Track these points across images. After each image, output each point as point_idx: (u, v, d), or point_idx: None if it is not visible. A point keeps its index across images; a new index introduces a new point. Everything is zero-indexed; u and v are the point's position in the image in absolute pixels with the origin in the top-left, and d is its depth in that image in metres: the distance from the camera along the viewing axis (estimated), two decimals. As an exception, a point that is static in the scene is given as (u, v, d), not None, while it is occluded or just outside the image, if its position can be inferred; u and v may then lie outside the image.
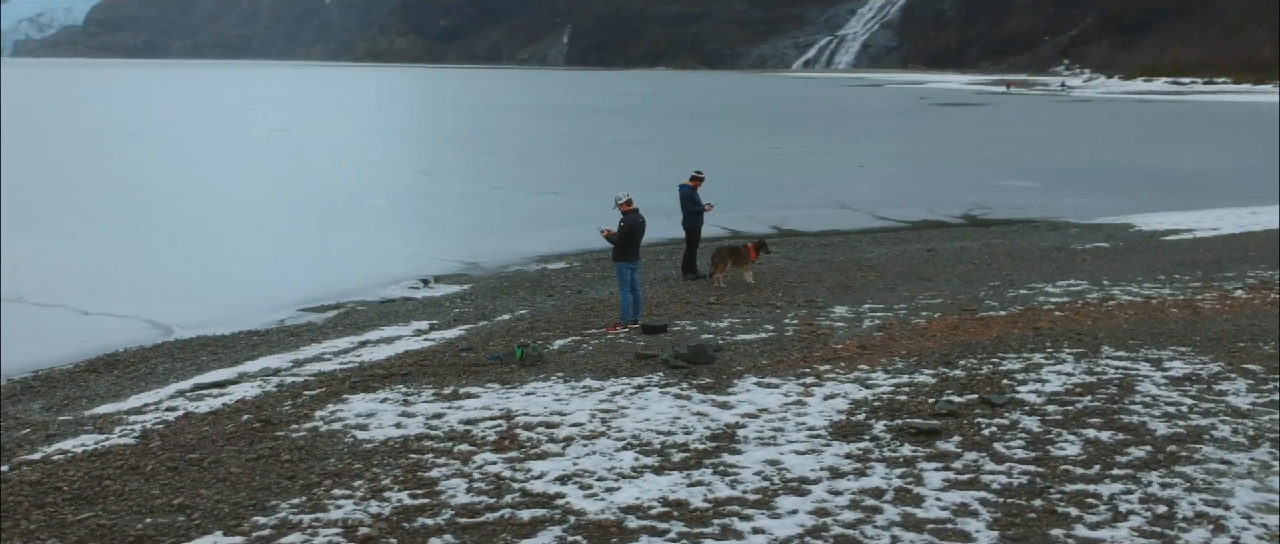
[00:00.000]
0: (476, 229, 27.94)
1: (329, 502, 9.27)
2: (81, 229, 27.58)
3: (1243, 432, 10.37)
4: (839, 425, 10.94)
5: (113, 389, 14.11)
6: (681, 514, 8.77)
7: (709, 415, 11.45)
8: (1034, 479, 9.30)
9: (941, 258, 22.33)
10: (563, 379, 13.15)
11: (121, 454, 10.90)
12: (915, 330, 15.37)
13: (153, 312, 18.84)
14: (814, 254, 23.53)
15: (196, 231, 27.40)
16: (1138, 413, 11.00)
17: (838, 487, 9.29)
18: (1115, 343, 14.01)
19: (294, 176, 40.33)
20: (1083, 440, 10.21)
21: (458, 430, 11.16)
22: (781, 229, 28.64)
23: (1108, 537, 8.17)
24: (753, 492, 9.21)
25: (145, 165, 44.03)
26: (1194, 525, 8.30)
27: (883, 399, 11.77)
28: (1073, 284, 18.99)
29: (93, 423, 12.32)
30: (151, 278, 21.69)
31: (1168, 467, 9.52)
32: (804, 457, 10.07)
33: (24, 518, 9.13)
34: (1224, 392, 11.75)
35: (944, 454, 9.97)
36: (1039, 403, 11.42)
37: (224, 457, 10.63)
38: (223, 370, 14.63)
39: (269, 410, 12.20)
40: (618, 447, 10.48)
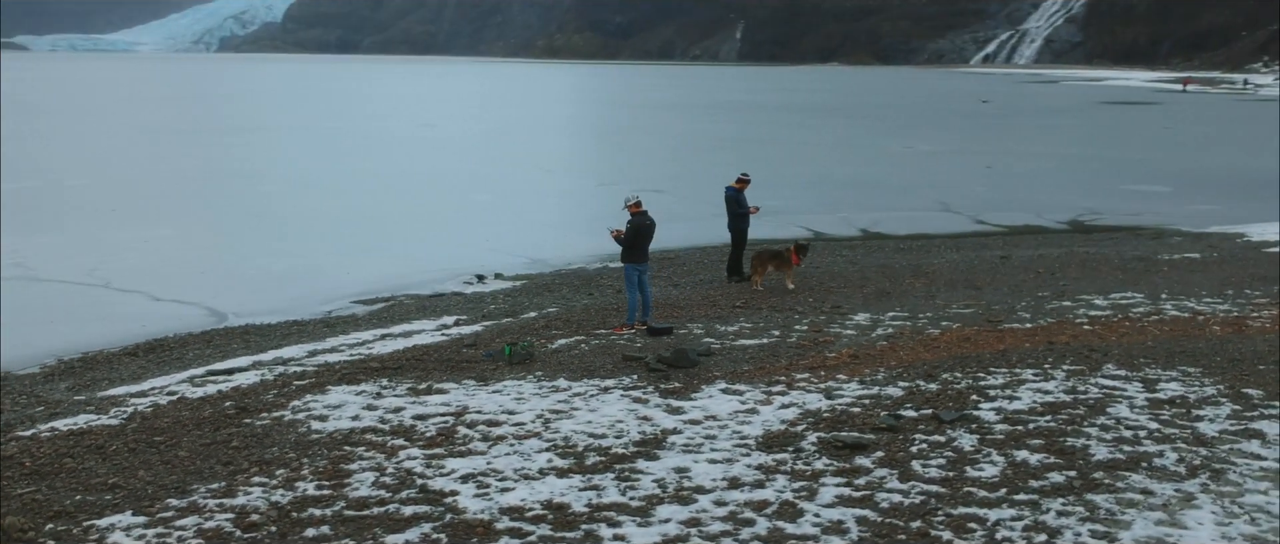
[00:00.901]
0: (560, 226, 28.41)
1: (242, 488, 9.75)
2: (195, 218, 29.24)
3: (1189, 460, 9.85)
4: (772, 436, 10.85)
5: (137, 372, 15.05)
6: (555, 518, 8.90)
7: (652, 420, 11.51)
8: (929, 500, 9.07)
9: (1008, 266, 21.63)
10: (539, 378, 13.39)
11: (98, 434, 11.67)
12: (923, 341, 15.00)
13: (218, 299, 19.90)
14: (879, 258, 23.09)
15: (296, 223, 28.74)
16: (1088, 436, 10.55)
17: (727, 497, 9.26)
18: (1122, 361, 13.39)
19: (416, 171, 41.69)
20: (1008, 462, 9.87)
21: (405, 425, 11.53)
22: (869, 231, 28.16)
23: (962, 564, 7.94)
24: (640, 499, 9.26)
25: (283, 158, 46.27)
26: (1060, 557, 7.99)
27: (836, 411, 11.61)
28: (1126, 297, 18.15)
29: (96, 404, 13.20)
30: (232, 267, 22.89)
31: (1080, 494, 9.13)
32: (716, 466, 10.05)
33: (-29, 489, 9.91)
34: (1201, 417, 11.15)
35: (855, 470, 9.80)
36: (992, 421, 11.07)
37: (183, 440, 11.27)
38: (241, 358, 15.41)
39: (252, 399, 12.83)
40: (542, 448, 10.66)
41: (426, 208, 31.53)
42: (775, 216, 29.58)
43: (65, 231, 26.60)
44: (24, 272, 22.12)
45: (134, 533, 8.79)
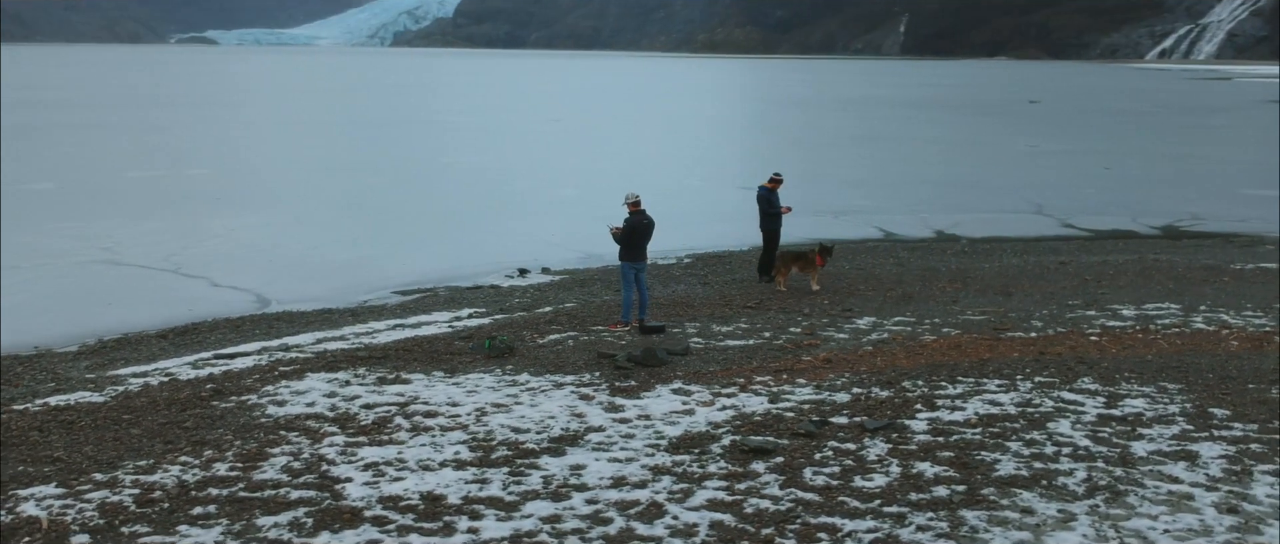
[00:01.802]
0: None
1: (165, 466, 10.34)
2: (288, 208, 30.54)
3: (1096, 480, 9.52)
4: (689, 438, 10.91)
5: (155, 354, 15.97)
6: (425, 508, 9.18)
7: (584, 417, 11.69)
8: (796, 507, 9.03)
9: (1057, 272, 20.91)
10: (504, 371, 13.70)
11: (77, 411, 12.48)
12: (910, 347, 14.73)
13: (271, 286, 20.86)
14: (930, 261, 22.60)
15: (380, 213, 29.76)
16: (1007, 451, 10.29)
17: (601, 497, 9.39)
18: (1102, 375, 12.93)
19: (517, 164, 42.50)
20: (903, 474, 9.72)
21: (350, 413, 11.98)
22: (943, 233, 27.54)
23: (783, 572, 7.91)
24: (516, 494, 9.47)
25: (399, 150, 47.78)
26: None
27: (770, 415, 11.57)
28: (1161, 307, 17.38)
29: (98, 382, 14.09)
30: (299, 255, 23.90)
31: (954, 510, 8.96)
32: (613, 465, 10.18)
33: (-68, 457, 10.79)
34: (1143, 435, 10.75)
35: (745, 475, 9.80)
36: (918, 432, 10.89)
37: (145, 420, 11.97)
38: (252, 344, 16.17)
39: (231, 383, 13.50)
40: (460, 439, 10.97)
41: (507, 201, 32.18)
42: (852, 217, 29.30)
43: (165, 218, 28.16)
44: (109, 255, 23.58)
45: (45, 503, 9.43)
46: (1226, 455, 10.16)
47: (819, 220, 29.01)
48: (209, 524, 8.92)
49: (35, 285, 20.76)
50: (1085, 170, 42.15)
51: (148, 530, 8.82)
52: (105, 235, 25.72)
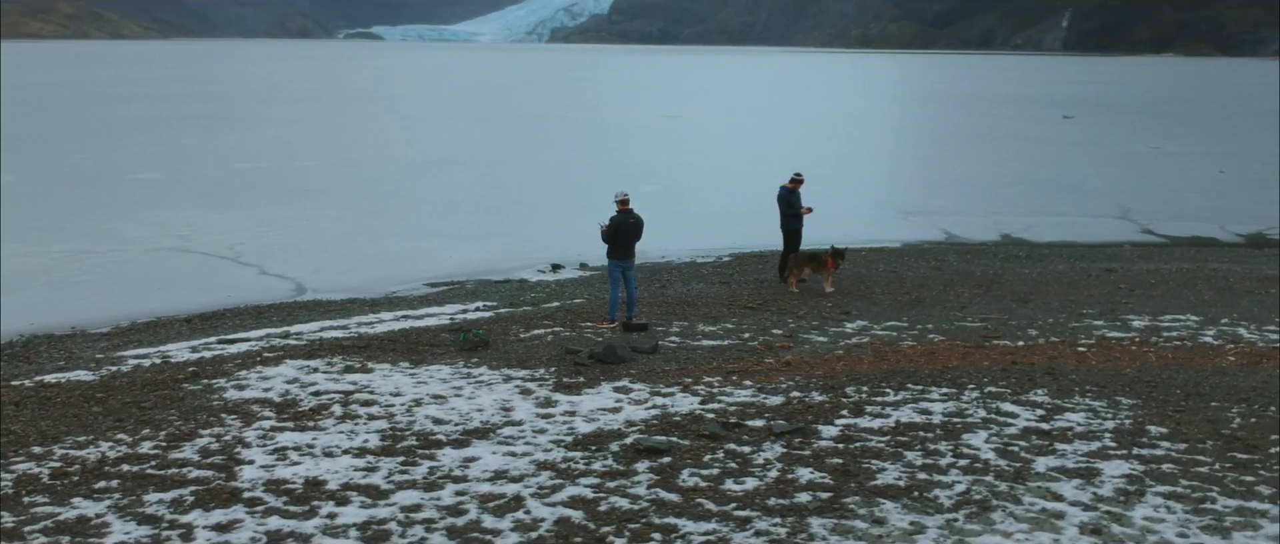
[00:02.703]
0: (703, 219, 28.68)
1: (98, 442, 11.02)
2: (367, 200, 31.63)
3: (973, 495, 9.34)
4: (598, 435, 11.06)
5: (168, 337, 16.87)
6: (303, 492, 9.59)
7: (512, 411, 11.95)
8: (649, 507, 9.12)
9: (1094, 280, 20.21)
10: (467, 364, 14.06)
11: (61, 388, 13.34)
12: (883, 353, 14.53)
13: (313, 276, 21.75)
14: (967, 265, 22.10)
15: (453, 206, 30.56)
16: (900, 460, 10.16)
17: (472, 489, 9.63)
18: (1060, 387, 12.57)
19: (612, 159, 42.93)
20: (779, 479, 9.71)
21: (295, 399, 12.51)
22: (1010, 237, 26.86)
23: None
24: (395, 482, 9.78)
25: (502, 144, 48.76)
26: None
27: (693, 415, 11.63)
28: (1176, 319, 16.67)
29: (99, 362, 15.00)
30: (353, 246, 24.81)
31: (803, 517, 8.92)
32: (507, 459, 10.41)
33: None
34: (1055, 450, 10.45)
35: (623, 474, 9.93)
36: (826, 437, 10.82)
37: (112, 399, 12.73)
38: (257, 331, 16.93)
39: (211, 367, 14.21)
40: (379, 428, 11.36)
41: (581, 195, 32.58)
42: (922, 218, 28.81)
43: (248, 209, 29.53)
44: (181, 243, 24.91)
45: (-27, 472, 10.20)
46: (1130, 475, 9.81)
47: (883, 220, 28.68)
48: (101, 498, 9.49)
49: (99, 269, 22.09)
50: (1197, 173, 40.34)
51: (46, 501, 9.45)
52: (185, 224, 27.13)
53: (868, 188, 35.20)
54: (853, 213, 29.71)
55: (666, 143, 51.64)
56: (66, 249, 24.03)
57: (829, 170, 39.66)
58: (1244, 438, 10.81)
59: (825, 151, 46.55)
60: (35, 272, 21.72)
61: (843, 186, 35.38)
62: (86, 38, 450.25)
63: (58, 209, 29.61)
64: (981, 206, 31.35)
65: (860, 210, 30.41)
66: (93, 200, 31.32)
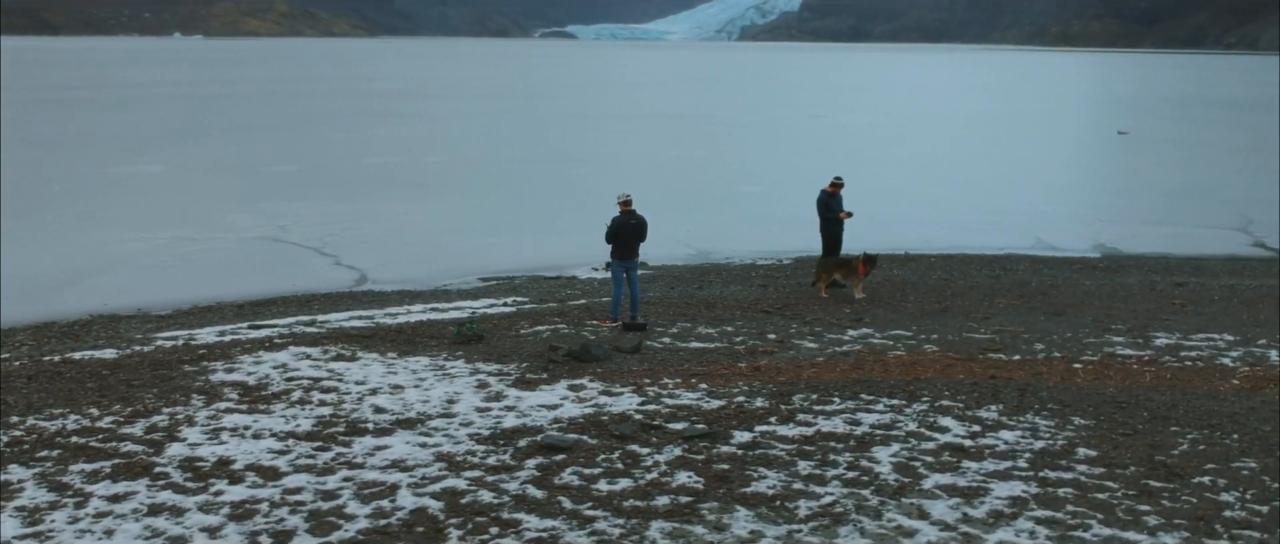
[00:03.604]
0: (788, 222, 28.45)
1: (68, 415, 11.95)
2: (473, 196, 32.66)
3: (835, 508, 9.25)
4: (514, 431, 11.34)
5: (213, 320, 17.99)
6: (209, 470, 10.18)
7: (455, 403, 12.34)
8: (508, 503, 9.37)
9: (1145, 295, 19.25)
10: (449, 357, 14.55)
11: (79, 364, 14.46)
12: (862, 362, 14.32)
13: (380, 267, 22.72)
14: (1022, 275, 21.39)
15: (551, 202, 31.24)
16: (788, 468, 10.11)
17: (359, 476, 10.04)
18: (1019, 405, 12.18)
19: (730, 160, 42.93)
20: (653, 481, 9.81)
21: (267, 382, 13.24)
22: (1106, 246, 25.76)
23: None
24: (293, 466, 10.32)
25: (637, 142, 49.34)
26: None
27: (620, 415, 11.79)
28: (1208, 339, 15.78)
29: (132, 342, 16.17)
30: (433, 239, 25.77)
31: (645, 519, 9.03)
32: (417, 450, 10.79)
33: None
34: (958, 468, 10.20)
35: (508, 469, 10.20)
36: (735, 442, 10.84)
37: (114, 376, 13.74)
38: (287, 319, 17.86)
39: (218, 350, 15.13)
40: (321, 414, 11.93)
41: (681, 195, 32.81)
42: (1018, 224, 27.90)
43: (353, 202, 30.93)
44: (277, 232, 26.36)
45: (-53, 437, 11.26)
46: (1017, 497, 9.50)
47: (977, 225, 27.95)
48: (34, 465, 10.34)
49: (192, 255, 23.65)
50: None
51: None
52: (291, 214, 28.66)
53: (978, 192, 34.21)
54: (947, 218, 29.04)
55: (793, 143, 51.24)
56: (173, 236, 25.75)
57: (945, 173, 38.73)
58: (1174, 466, 10.29)
59: (954, 154, 45.37)
60: (132, 256, 23.40)
61: (950, 190, 34.56)
62: (299, 35, 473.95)
63: (186, 198, 31.70)
64: (1094, 213, 30.16)
65: (956, 215, 29.67)
66: (223, 190, 33.37)
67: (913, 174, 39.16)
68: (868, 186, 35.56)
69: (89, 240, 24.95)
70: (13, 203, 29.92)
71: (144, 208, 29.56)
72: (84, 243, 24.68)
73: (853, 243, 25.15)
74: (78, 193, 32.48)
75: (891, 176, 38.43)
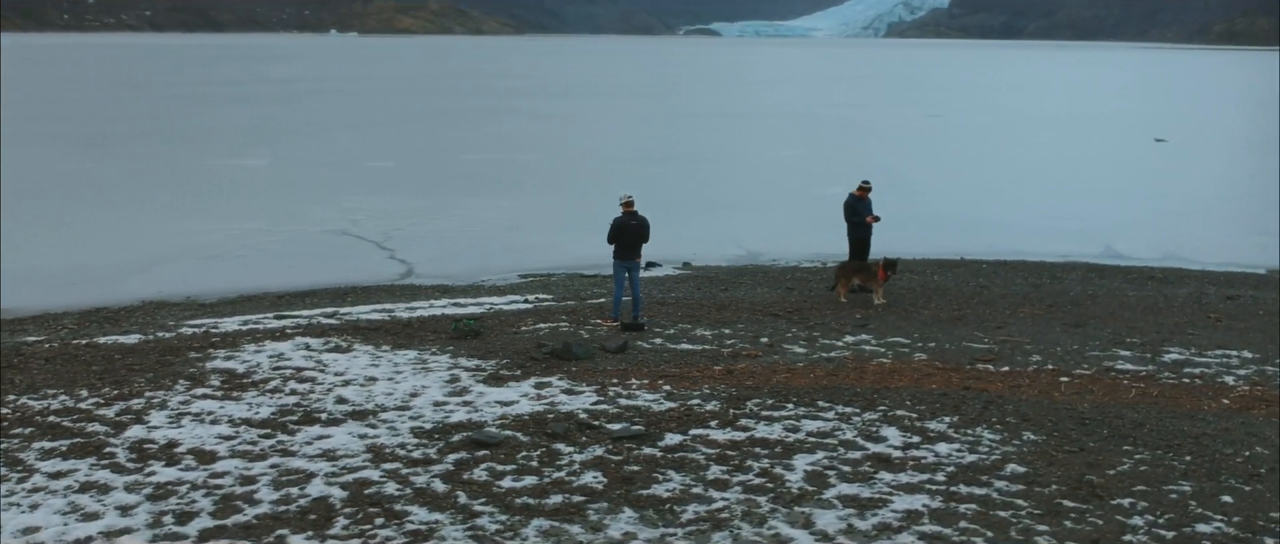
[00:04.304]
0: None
1: (59, 396, 12.73)
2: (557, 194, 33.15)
3: (720, 513, 9.30)
4: (454, 425, 11.67)
5: (247, 309, 18.82)
6: (155, 451, 10.72)
7: (417, 397, 12.68)
8: (409, 495, 9.69)
9: (1182, 308, 18.44)
10: (436, 352, 14.94)
11: (98, 348, 15.35)
12: (841, 369, 14.19)
13: (429, 263, 23.37)
14: (1062, 284, 20.75)
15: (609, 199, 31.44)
16: (696, 472, 10.19)
17: (285, 464, 10.47)
18: (974, 417, 11.96)
19: (825, 160, 42.51)
20: (557, 481, 10.00)
21: (255, 370, 13.84)
22: (1172, 255, 24.81)
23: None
24: (230, 451, 10.83)
25: (736, 141, 49.26)
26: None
27: (566, 414, 11.99)
28: (1222, 355, 15.10)
29: (158, 328, 17.06)
30: (488, 237, 26.32)
31: (528, 518, 9.22)
32: (355, 440, 11.19)
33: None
34: (872, 479, 10.12)
35: (428, 461, 10.53)
36: (664, 445, 10.95)
37: (122, 361, 14.52)
38: (313, 310, 18.55)
39: (230, 339, 15.82)
40: (282, 403, 12.42)
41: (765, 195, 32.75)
42: (1083, 232, 27.08)
43: (433, 198, 31.78)
44: (348, 226, 27.32)
45: (-57, 412, 12.15)
46: (914, 512, 9.39)
47: (1045, 231, 27.21)
48: (0, 441, 11.11)
49: (258, 246, 24.72)
50: None
51: (-39, 440, 11.18)
52: (365, 208, 29.64)
53: (1068, 196, 33.19)
54: (1023, 221, 28.44)
55: (897, 144, 50.41)
56: (250, 227, 26.93)
57: (1045, 176, 37.67)
58: (1099, 486, 10.01)
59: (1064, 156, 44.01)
60: (203, 246, 24.58)
61: (1041, 193, 33.66)
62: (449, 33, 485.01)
63: (274, 191, 33.06)
64: (1180, 222, 28.93)
65: (1033, 219, 28.97)
66: (313, 184, 34.67)
67: (1011, 176, 38.22)
68: (954, 189, 34.93)
69: (168, 230, 26.28)
70: (109, 193, 31.77)
71: (232, 200, 30.94)
72: (163, 232, 26.00)
73: (911, 245, 24.91)
74: (178, 184, 34.16)
75: (986, 179, 37.60)
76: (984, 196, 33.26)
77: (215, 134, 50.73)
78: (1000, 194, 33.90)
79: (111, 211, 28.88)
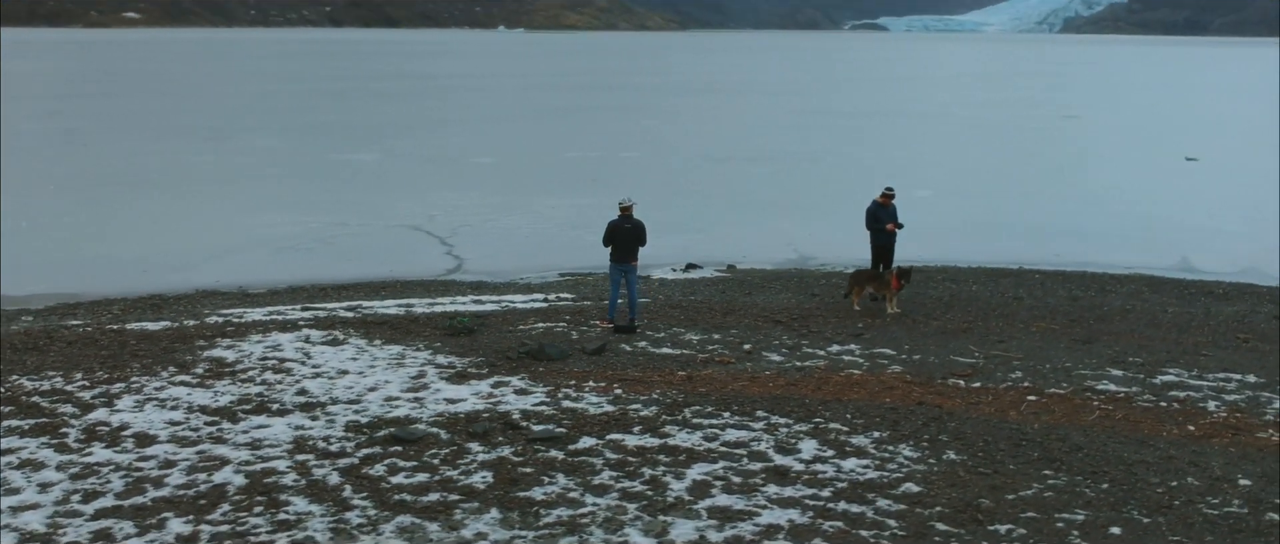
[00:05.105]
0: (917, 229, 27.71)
1: (54, 377, 13.75)
2: (625, 192, 33.38)
3: (580, 520, 9.52)
4: (391, 420, 12.14)
5: (281, 301, 19.72)
6: (106, 434, 11.55)
7: (375, 391, 13.20)
8: (302, 487, 10.20)
9: (1225, 328, 17.59)
10: (422, 347, 15.45)
11: (114, 334, 16.36)
12: (804, 379, 14.12)
13: (483, 259, 23.94)
14: (1104, 299, 19.89)
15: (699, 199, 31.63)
16: (584, 476, 10.43)
17: (212, 450, 11.15)
18: (907, 433, 11.84)
19: (932, 161, 41.60)
20: (444, 480, 10.38)
21: (243, 358, 14.59)
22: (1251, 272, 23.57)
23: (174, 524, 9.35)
24: (170, 437, 11.54)
25: (842, 140, 48.62)
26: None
27: (499, 413, 12.33)
28: (1222, 379, 14.34)
29: (190, 316, 18.08)
30: (553, 234, 26.79)
31: (395, 512, 9.64)
32: (292, 430, 11.81)
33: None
34: (749, 490, 10.18)
35: (340, 454, 11.04)
36: (572, 446, 11.21)
37: (131, 346, 15.49)
38: (338, 303, 19.29)
39: (242, 330, 16.66)
40: (247, 392, 13.12)
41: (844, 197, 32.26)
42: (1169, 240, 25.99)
43: (515, 194, 32.45)
44: (423, 221, 28.16)
45: (-53, 389, 13.27)
46: (771, 526, 9.43)
47: (1122, 242, 26.22)
48: (-22, 419, 12.10)
49: (329, 239, 25.79)
50: None
51: (-54, 416, 12.22)
52: (445, 203, 30.54)
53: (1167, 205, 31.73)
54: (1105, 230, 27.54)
55: (1012, 145, 48.97)
56: (329, 220, 28.10)
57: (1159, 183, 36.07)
58: (986, 510, 9.84)
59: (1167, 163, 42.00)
60: (277, 237, 25.79)
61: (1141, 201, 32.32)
62: (614, 29, 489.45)
63: (369, 184, 34.32)
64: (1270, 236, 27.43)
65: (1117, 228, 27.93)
66: (408, 178, 35.85)
67: (1114, 182, 36.70)
68: (1044, 195, 33.83)
69: (250, 221, 27.64)
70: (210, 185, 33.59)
71: (324, 193, 32.27)
72: (244, 224, 27.37)
73: (970, 252, 24.40)
74: (279, 178, 35.81)
75: (1084, 184, 36.24)
76: (1074, 203, 32.12)
77: (337, 129, 52.76)
78: (1093, 201, 32.66)
79: (204, 203, 30.50)
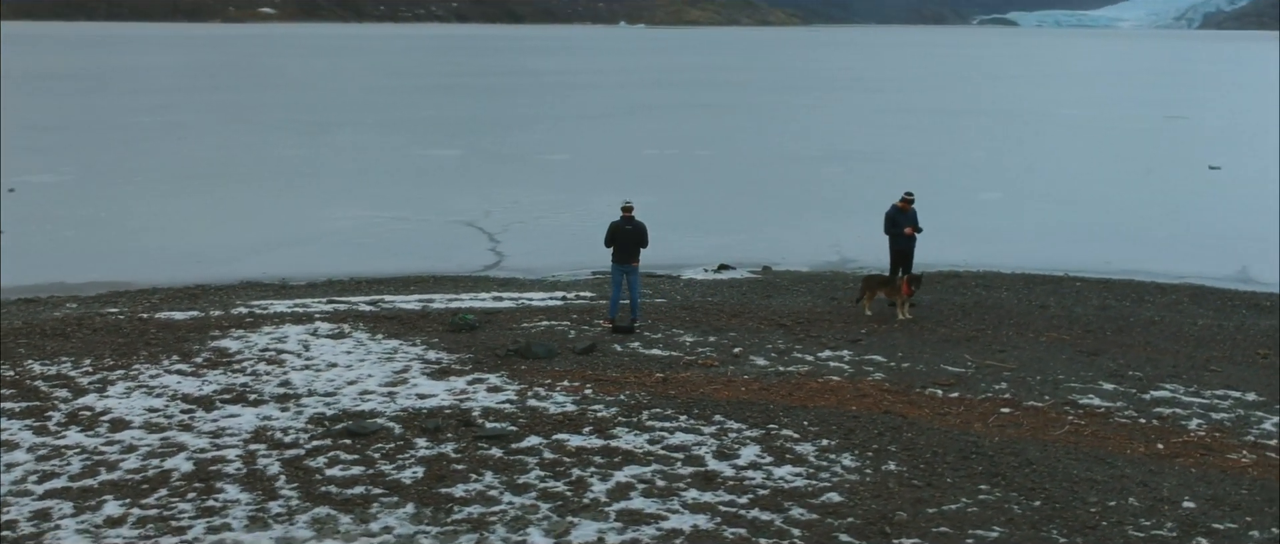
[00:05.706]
0: (971, 232, 27.31)
1: (64, 362, 14.54)
2: (690, 190, 33.55)
3: (487, 518, 9.78)
4: (356, 413, 12.58)
5: (311, 293, 20.37)
6: (86, 418, 12.23)
7: (355, 385, 13.67)
8: (243, 476, 10.66)
9: (1244, 342, 16.99)
10: (419, 343, 15.86)
11: (138, 321, 17.16)
12: (778, 385, 14.11)
13: (523, 256, 24.33)
14: (1124, 306, 19.40)
15: (762, 200, 31.55)
16: (505, 474, 10.68)
17: (177, 438, 11.71)
18: (856, 442, 11.83)
19: (1013, 162, 40.69)
20: (375, 473, 10.74)
21: (245, 350, 15.21)
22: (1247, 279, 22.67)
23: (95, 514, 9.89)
24: (144, 424, 12.15)
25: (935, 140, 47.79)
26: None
27: (460, 411, 12.66)
28: (1218, 395, 13.85)
29: (216, 307, 18.83)
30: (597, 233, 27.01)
31: (315, 504, 10.02)
32: (260, 421, 12.31)
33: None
34: (673, 495, 10.31)
35: (293, 444, 11.49)
36: (515, 445, 11.47)
37: (147, 334, 16.27)
38: (360, 297, 19.82)
39: (257, 321, 17.31)
40: (233, 382, 13.70)
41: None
42: (1212, 251, 25.09)
43: (574, 192, 32.73)
44: (477, 218, 28.70)
45: (-35, 371, 14.16)
46: (672, 531, 9.54)
47: (1167, 249, 25.49)
48: (-22, 400, 12.89)
49: (384, 234, 26.53)
50: None
51: (-48, 397, 13.05)
52: (505, 200, 31.08)
53: (1243, 212, 30.51)
54: (1173, 237, 26.76)
55: (1103, 147, 47.53)
56: (390, 215, 28.88)
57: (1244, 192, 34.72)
58: (898, 523, 9.81)
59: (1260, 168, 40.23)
60: (334, 231, 26.64)
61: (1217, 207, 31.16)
62: (736, 24, 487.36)
63: (438, 180, 35.08)
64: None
65: (1163, 236, 27.03)
66: (479, 174, 36.52)
67: (1203, 188, 35.44)
68: (1118, 199, 32.83)
69: (314, 214, 28.58)
70: (287, 179, 34.74)
71: (393, 188, 33.12)
72: (307, 217, 28.30)
73: (1009, 257, 23.93)
74: (357, 172, 36.83)
75: (1171, 189, 35.08)
76: (1144, 209, 31.12)
77: (429, 124, 53.89)
78: (1166, 206, 31.62)
79: (278, 196, 31.59)
